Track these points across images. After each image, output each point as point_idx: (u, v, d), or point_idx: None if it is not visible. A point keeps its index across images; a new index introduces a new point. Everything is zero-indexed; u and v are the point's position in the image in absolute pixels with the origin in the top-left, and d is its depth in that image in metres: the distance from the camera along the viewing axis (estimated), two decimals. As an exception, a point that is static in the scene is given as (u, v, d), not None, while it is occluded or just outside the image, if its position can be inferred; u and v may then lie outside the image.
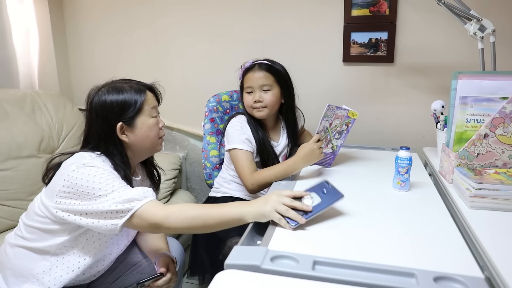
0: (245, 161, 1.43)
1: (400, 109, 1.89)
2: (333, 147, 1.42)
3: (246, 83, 1.51)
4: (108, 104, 1.08)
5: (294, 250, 0.83)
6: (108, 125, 1.08)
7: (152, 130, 1.13)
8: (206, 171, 1.73)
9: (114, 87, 1.11)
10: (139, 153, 1.17)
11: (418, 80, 1.83)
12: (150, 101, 1.14)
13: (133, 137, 1.11)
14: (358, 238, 0.90)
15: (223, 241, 1.34)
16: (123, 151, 1.11)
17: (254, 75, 1.50)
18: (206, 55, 2.11)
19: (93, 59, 2.32)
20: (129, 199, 0.97)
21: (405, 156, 1.17)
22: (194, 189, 2.35)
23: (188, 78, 2.18)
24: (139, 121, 1.11)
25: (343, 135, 1.42)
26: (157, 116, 1.17)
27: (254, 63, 1.53)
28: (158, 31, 2.16)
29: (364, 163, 1.51)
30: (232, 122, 1.53)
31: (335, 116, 1.34)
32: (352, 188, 1.23)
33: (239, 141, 1.46)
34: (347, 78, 1.92)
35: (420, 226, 0.96)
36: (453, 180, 1.19)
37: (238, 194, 1.56)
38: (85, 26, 2.28)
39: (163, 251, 1.25)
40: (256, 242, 0.95)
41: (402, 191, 1.19)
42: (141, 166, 1.29)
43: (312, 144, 1.32)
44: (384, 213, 1.04)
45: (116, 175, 1.03)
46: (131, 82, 1.15)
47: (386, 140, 1.92)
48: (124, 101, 1.09)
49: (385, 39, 1.80)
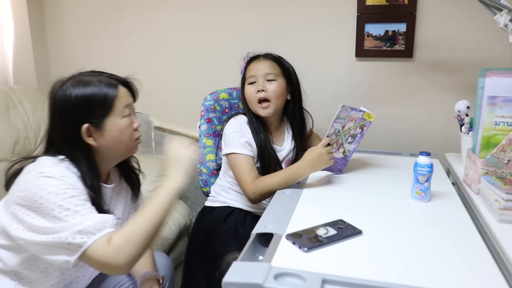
0: (245, 167, 1.44)
1: (420, 110, 1.89)
2: (345, 152, 1.42)
3: (249, 73, 1.52)
4: (72, 101, 1.04)
5: (300, 267, 0.82)
6: (73, 126, 1.05)
7: (124, 133, 1.10)
8: (201, 178, 1.73)
9: (81, 81, 1.06)
10: (110, 158, 1.14)
11: (440, 77, 1.83)
12: (123, 98, 1.10)
13: (102, 141, 1.07)
14: (372, 254, 0.90)
15: (220, 257, 1.33)
16: (90, 156, 1.07)
17: (258, 64, 1.52)
18: (203, 48, 2.11)
19: (76, 52, 2.33)
20: (82, 230, 0.92)
21: (425, 162, 1.17)
22: (188, 197, 2.35)
23: (182, 73, 2.18)
24: (108, 123, 1.07)
25: (357, 139, 1.42)
26: (132, 115, 1.14)
27: (258, 54, 1.56)
28: (148, 21, 2.17)
29: (379, 170, 1.50)
30: (230, 123, 1.54)
31: (349, 118, 1.35)
32: (365, 199, 1.23)
33: (238, 145, 1.47)
34: (360, 75, 1.92)
35: (442, 241, 0.95)
36: (480, 190, 1.19)
37: (237, 204, 1.56)
38: (68, 15, 2.29)
39: (147, 270, 1.24)
40: (257, 258, 0.95)
41: (421, 202, 1.18)
42: (117, 169, 1.26)
43: (320, 148, 1.32)
44: (401, 226, 1.04)
45: (77, 190, 0.99)
46: (102, 75, 1.11)
47: (404, 145, 1.92)
48: (90, 99, 1.04)
49: (404, 31, 1.80)
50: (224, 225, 1.49)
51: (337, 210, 1.14)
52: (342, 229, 1.00)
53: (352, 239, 0.97)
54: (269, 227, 1.02)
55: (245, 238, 1.38)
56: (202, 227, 1.56)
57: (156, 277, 1.22)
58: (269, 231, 0.99)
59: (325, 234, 0.97)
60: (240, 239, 1.40)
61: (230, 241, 1.40)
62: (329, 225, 1.02)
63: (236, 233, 1.45)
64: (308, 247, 0.91)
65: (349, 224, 1.03)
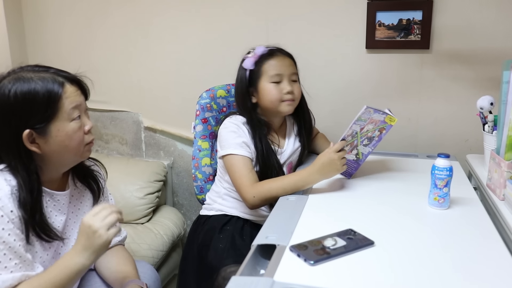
0: (243, 169, 1.43)
1: (437, 107, 1.88)
2: (358, 155, 1.42)
3: (272, 71, 1.50)
4: (11, 101, 1.00)
5: (306, 281, 0.82)
6: (11, 131, 1.01)
7: (73, 138, 1.07)
8: (196, 184, 1.73)
9: (20, 78, 1.02)
10: (58, 165, 1.12)
11: (460, 70, 1.83)
12: (71, 98, 1.06)
13: (47, 148, 1.05)
14: (385, 267, 0.89)
15: (217, 270, 1.33)
16: (32, 164, 1.04)
17: (283, 61, 1.51)
18: (198, 41, 2.11)
19: (58, 45, 2.33)
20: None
21: (444, 165, 1.16)
22: (182, 205, 2.34)
23: (175, 68, 2.18)
24: (53, 128, 1.03)
25: (373, 142, 1.42)
26: (83, 117, 1.10)
27: (272, 48, 1.54)
28: (137, 12, 2.17)
29: (392, 174, 1.50)
30: (225, 123, 1.53)
31: (370, 120, 1.34)
32: (377, 206, 1.22)
33: (235, 145, 1.46)
34: (371, 68, 1.92)
35: (463, 253, 0.95)
36: (505, 196, 1.18)
37: (234, 212, 1.56)
38: (47, 5, 2.29)
39: (130, 279, 1.24)
40: (258, 272, 0.94)
41: (440, 209, 1.18)
42: (72, 172, 1.24)
43: (331, 153, 1.31)
44: (418, 236, 1.03)
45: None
46: (48, 70, 1.06)
47: (420, 145, 1.91)
48: (31, 100, 1.00)
49: (419, 19, 1.79)
50: (221, 235, 1.49)
51: (346, 218, 1.13)
52: (352, 240, 0.99)
53: (363, 250, 0.96)
54: (271, 237, 1.01)
55: (243, 249, 1.39)
56: (197, 237, 1.55)
57: (140, 285, 1.22)
58: (271, 242, 0.99)
59: (333, 245, 0.97)
60: (237, 251, 1.40)
61: (227, 253, 1.40)
62: (338, 236, 1.01)
63: (233, 244, 1.45)
64: (315, 260, 0.90)
65: (360, 234, 1.02)
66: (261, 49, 1.53)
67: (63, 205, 1.16)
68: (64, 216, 1.16)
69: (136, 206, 2.02)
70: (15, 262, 1.00)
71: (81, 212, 1.23)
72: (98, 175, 1.29)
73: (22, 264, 1.01)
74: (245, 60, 1.53)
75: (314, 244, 0.97)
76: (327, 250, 0.95)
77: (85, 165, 1.26)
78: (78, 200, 1.23)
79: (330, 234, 1.02)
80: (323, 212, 1.19)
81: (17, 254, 1.00)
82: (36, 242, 1.07)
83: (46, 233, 1.07)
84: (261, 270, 0.95)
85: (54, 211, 1.13)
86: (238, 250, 1.40)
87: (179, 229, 2.09)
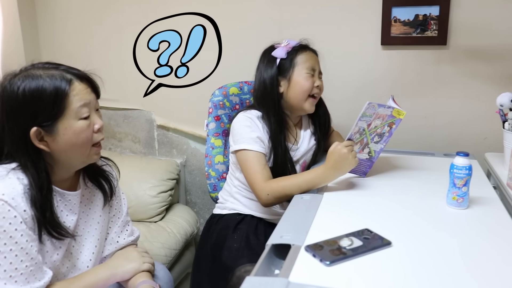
0: (257, 165, 1.42)
1: (455, 104, 1.86)
2: (371, 153, 1.40)
3: (308, 63, 1.51)
4: (19, 98, 1.01)
5: (321, 282, 0.81)
6: (19, 129, 1.02)
7: (80, 136, 1.06)
8: (210, 182, 1.73)
9: (30, 75, 1.02)
10: (67, 165, 1.11)
11: (478, 67, 1.80)
12: (80, 96, 1.05)
13: (55, 146, 1.05)
14: (402, 268, 0.88)
15: (231, 270, 1.33)
16: (41, 163, 1.05)
17: (314, 56, 1.55)
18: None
19: (72, 43, 2.35)
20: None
21: (464, 164, 1.14)
22: (195, 203, 2.35)
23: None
24: (61, 126, 1.03)
25: (384, 138, 1.40)
26: (92, 115, 1.09)
27: (303, 43, 1.57)
28: (148, 9, 2.17)
29: (409, 173, 1.48)
30: (239, 117, 1.52)
31: (376, 116, 1.32)
32: (394, 205, 1.21)
33: (249, 140, 1.45)
34: (386, 65, 1.90)
35: (483, 254, 0.93)
36: (526, 195, 1.16)
37: (247, 211, 1.55)
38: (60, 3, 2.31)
39: (143, 279, 1.24)
40: (273, 272, 0.94)
41: (459, 209, 1.16)
42: (83, 173, 1.24)
43: (341, 148, 1.30)
44: (436, 237, 1.02)
45: (12, 233, 0.98)
46: (58, 68, 1.06)
47: (437, 144, 1.89)
48: (39, 97, 1.01)
49: (436, 15, 1.77)
50: (234, 235, 1.48)
51: (362, 218, 1.12)
52: (368, 240, 0.98)
53: (380, 251, 0.95)
54: (286, 237, 1.00)
55: (257, 248, 1.39)
56: (211, 236, 1.55)
57: (153, 286, 1.22)
58: (286, 242, 0.98)
59: (350, 245, 0.96)
60: (252, 250, 1.40)
61: (241, 252, 1.40)
62: (354, 235, 1.00)
63: (248, 243, 1.44)
64: (331, 260, 0.89)
65: (377, 234, 1.01)
66: (293, 42, 1.54)
67: (74, 205, 1.17)
68: (75, 216, 1.16)
69: (149, 204, 2.03)
70: (26, 265, 1.00)
71: (92, 212, 1.23)
72: (109, 175, 1.29)
73: (33, 267, 1.02)
74: (277, 49, 1.52)
75: (329, 244, 0.96)
76: (343, 250, 0.93)
77: (97, 165, 1.26)
78: (89, 200, 1.23)
79: (346, 234, 1.01)
80: (338, 211, 1.18)
81: (29, 255, 1.01)
82: (47, 241, 1.08)
83: (57, 231, 1.08)
84: (276, 270, 0.94)
85: (65, 210, 1.14)
86: (253, 250, 1.39)
87: (192, 227, 2.09)
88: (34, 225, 1.03)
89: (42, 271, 1.05)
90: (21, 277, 1.00)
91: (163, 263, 1.76)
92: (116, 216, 1.31)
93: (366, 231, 1.02)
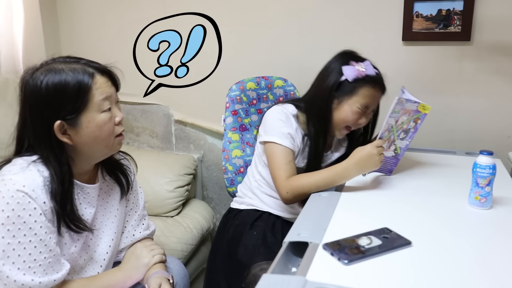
0: (283, 160, 1.41)
1: (478, 102, 1.83)
2: (396, 150, 1.39)
3: (364, 99, 1.40)
4: (42, 93, 1.02)
5: (339, 281, 0.81)
6: (42, 123, 1.03)
7: (103, 129, 1.08)
8: (227, 176, 1.73)
9: (52, 69, 1.04)
10: (89, 157, 1.13)
11: (503, 63, 1.77)
12: (102, 89, 1.07)
13: (78, 139, 1.07)
14: (423, 269, 0.87)
15: (247, 267, 1.33)
16: (63, 156, 1.06)
17: (376, 94, 1.42)
18: (227, 33, 2.11)
19: (91, 38, 2.37)
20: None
21: (487, 163, 1.13)
22: (212, 198, 2.35)
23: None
24: (84, 119, 1.05)
25: (410, 134, 1.38)
26: (113, 108, 1.11)
27: (378, 76, 1.43)
28: (168, 2, 2.18)
29: (430, 171, 1.47)
30: (275, 109, 1.49)
31: (403, 111, 1.30)
32: (414, 204, 1.20)
33: (280, 134, 1.43)
34: (407, 61, 1.87)
35: (506, 255, 0.92)
36: (552, 196, 1.13)
37: (264, 207, 1.54)
38: None
39: (156, 270, 1.26)
40: (290, 270, 0.93)
41: (482, 209, 1.15)
42: (102, 166, 1.25)
43: (372, 147, 1.27)
44: (458, 237, 1.01)
45: (29, 224, 1.00)
46: (79, 62, 1.08)
47: (458, 142, 1.87)
48: (62, 91, 1.02)
49: (460, 10, 1.74)
50: (251, 231, 1.48)
51: (381, 216, 1.11)
52: (388, 239, 0.97)
53: (400, 250, 0.94)
54: (304, 235, 1.00)
55: (274, 246, 1.39)
56: (227, 232, 1.55)
57: (166, 277, 1.23)
58: (303, 240, 0.98)
59: (368, 244, 0.95)
60: (269, 248, 1.39)
61: (258, 250, 1.40)
62: (373, 234, 0.99)
63: (264, 241, 1.44)
64: (349, 259, 0.88)
65: (396, 234, 0.99)
66: (371, 69, 1.42)
67: (93, 198, 1.18)
68: (93, 209, 1.18)
69: (166, 199, 2.04)
70: (45, 256, 1.02)
71: (109, 205, 1.25)
72: (127, 169, 1.30)
73: (52, 259, 1.04)
74: (349, 68, 1.40)
75: (348, 243, 0.95)
76: (362, 249, 0.92)
77: (114, 159, 1.27)
78: (107, 193, 1.25)
79: (364, 232, 1.00)
80: (357, 210, 1.17)
81: (47, 247, 1.03)
82: (65, 233, 1.10)
83: (75, 225, 1.10)
84: (293, 268, 0.94)
85: (84, 203, 1.15)
86: (269, 247, 1.39)
87: (208, 223, 2.10)
88: (53, 217, 1.05)
89: (60, 263, 1.06)
90: (40, 268, 1.02)
91: (179, 258, 1.76)
92: (133, 210, 1.32)
93: (386, 230, 1.01)
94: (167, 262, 1.34)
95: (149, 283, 1.20)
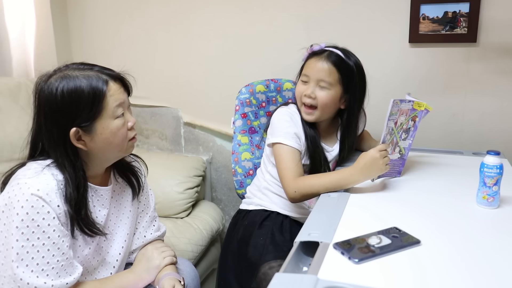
0: (290, 161, 1.42)
1: (485, 102, 1.83)
2: (401, 151, 1.39)
3: (305, 70, 1.49)
4: (58, 99, 1.03)
5: (350, 280, 0.81)
6: (58, 129, 1.05)
7: (116, 135, 1.10)
8: (236, 178, 1.74)
9: (66, 76, 1.05)
10: (103, 161, 1.16)
11: (509, 64, 1.77)
12: (115, 96, 1.08)
13: (92, 144, 1.09)
14: (432, 267, 0.88)
15: (257, 266, 1.34)
16: (78, 161, 1.08)
17: (316, 64, 1.45)
18: (237, 37, 2.12)
19: (101, 42, 2.39)
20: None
21: (494, 163, 1.13)
22: (221, 200, 2.37)
23: (214, 63, 2.20)
24: (98, 126, 1.07)
25: (411, 133, 1.39)
26: (126, 114, 1.13)
27: (325, 48, 1.49)
28: (176, 8, 2.20)
29: (437, 171, 1.47)
30: (280, 111, 1.53)
31: (400, 112, 1.32)
32: (422, 203, 1.20)
33: (286, 135, 1.45)
34: (414, 63, 1.88)
35: (516, 254, 0.92)
36: (559, 195, 1.14)
37: (273, 207, 1.56)
38: (91, 3, 2.36)
39: (167, 272, 1.27)
40: (301, 269, 0.94)
41: (489, 208, 1.15)
42: (114, 168, 1.27)
43: (374, 152, 1.27)
44: (466, 236, 1.01)
45: (43, 227, 1.02)
46: (92, 69, 1.09)
47: (465, 142, 1.86)
48: (77, 99, 1.03)
49: (466, 12, 1.75)
50: (260, 231, 1.49)
51: (390, 216, 1.12)
52: (397, 238, 0.98)
53: (409, 249, 0.94)
54: (314, 234, 1.01)
55: (282, 245, 1.40)
56: (237, 232, 1.57)
57: (177, 279, 1.25)
58: (314, 239, 0.99)
59: (378, 243, 0.96)
60: (277, 246, 1.41)
61: (266, 249, 1.41)
62: (382, 234, 1.00)
63: (273, 240, 1.45)
64: (359, 258, 0.89)
65: (405, 233, 1.00)
66: (317, 47, 1.51)
67: (106, 200, 1.20)
68: (106, 211, 1.20)
69: (176, 200, 2.05)
70: (58, 259, 1.04)
71: (122, 207, 1.27)
72: (138, 171, 1.32)
73: (65, 262, 1.05)
74: (304, 55, 1.54)
75: (358, 242, 0.96)
76: (372, 248, 0.93)
77: (126, 161, 1.29)
78: (120, 195, 1.27)
79: (374, 232, 1.01)
80: (366, 210, 1.18)
81: (60, 250, 1.04)
82: (79, 236, 1.11)
83: (89, 229, 1.11)
84: (304, 267, 0.95)
85: (97, 205, 1.17)
86: (278, 246, 1.40)
87: (218, 224, 2.11)
88: (67, 221, 1.06)
89: (73, 266, 1.08)
90: (53, 271, 1.03)
91: (189, 258, 1.78)
92: (144, 212, 1.34)
93: (395, 230, 1.02)
94: (178, 263, 1.35)
95: (161, 285, 1.22)
